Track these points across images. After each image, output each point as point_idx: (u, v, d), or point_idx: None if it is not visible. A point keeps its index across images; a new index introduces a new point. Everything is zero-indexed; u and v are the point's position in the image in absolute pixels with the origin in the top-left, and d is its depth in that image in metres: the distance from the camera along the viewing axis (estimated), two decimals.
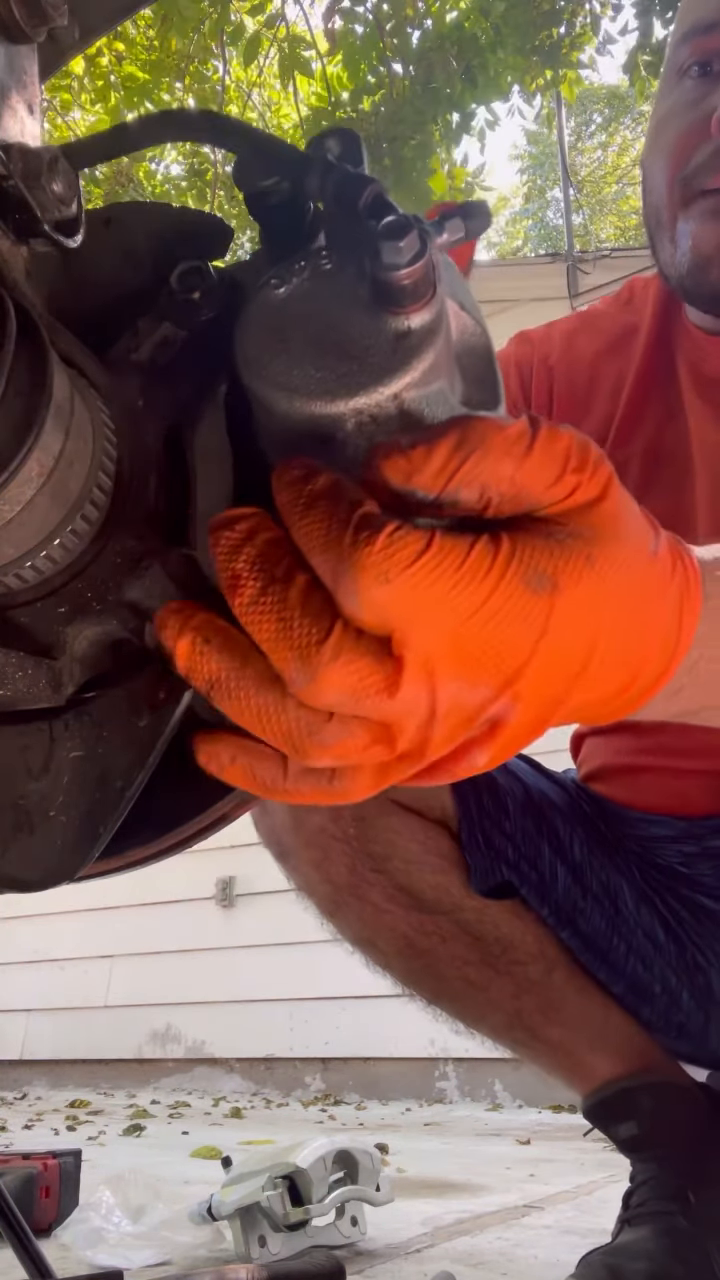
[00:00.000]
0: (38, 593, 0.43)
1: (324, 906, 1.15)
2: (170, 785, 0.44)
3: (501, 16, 5.01)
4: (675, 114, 1.05)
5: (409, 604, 0.34)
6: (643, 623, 0.39)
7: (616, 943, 1.13)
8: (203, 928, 5.04)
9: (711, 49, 1.02)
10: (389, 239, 0.37)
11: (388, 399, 0.38)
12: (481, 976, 1.12)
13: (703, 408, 1.11)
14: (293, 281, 0.41)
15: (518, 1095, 3.96)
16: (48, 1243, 1.41)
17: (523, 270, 6.08)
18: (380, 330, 0.38)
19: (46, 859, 0.43)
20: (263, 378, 0.39)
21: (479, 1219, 1.56)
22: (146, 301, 0.46)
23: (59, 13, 0.46)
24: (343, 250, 0.41)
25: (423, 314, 0.38)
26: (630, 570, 0.38)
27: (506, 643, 0.35)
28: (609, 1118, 1.10)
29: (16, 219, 0.44)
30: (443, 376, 0.40)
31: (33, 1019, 5.51)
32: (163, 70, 5.69)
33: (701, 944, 1.13)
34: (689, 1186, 1.03)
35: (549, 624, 0.36)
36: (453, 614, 0.34)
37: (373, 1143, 1.53)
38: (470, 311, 0.43)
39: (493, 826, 1.14)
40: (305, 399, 0.38)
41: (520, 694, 0.37)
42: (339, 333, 0.39)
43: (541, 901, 1.13)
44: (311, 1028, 4.53)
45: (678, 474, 1.12)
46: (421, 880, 1.11)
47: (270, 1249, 1.26)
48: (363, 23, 5.19)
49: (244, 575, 0.37)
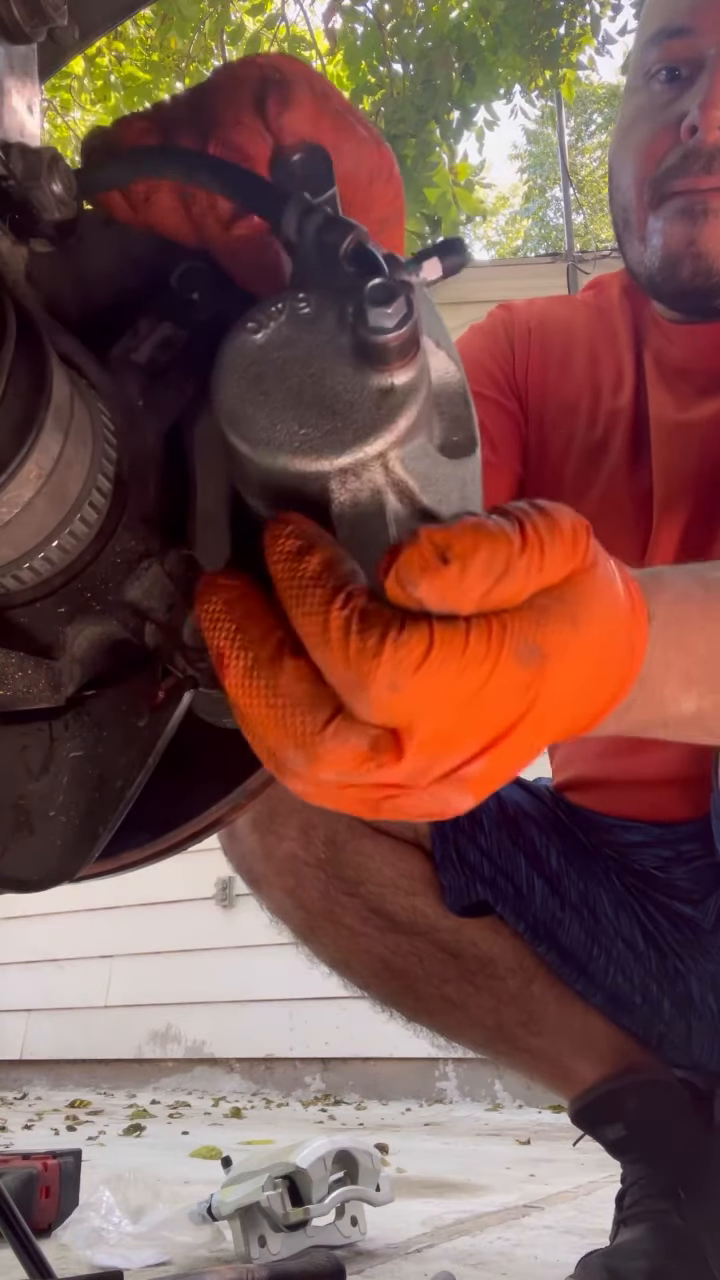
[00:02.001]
0: (37, 593, 0.43)
1: (299, 932, 1.15)
2: (166, 788, 0.44)
3: (501, 16, 5.01)
4: (643, 116, 1.06)
5: (417, 703, 0.35)
6: (608, 657, 0.41)
7: (596, 953, 1.13)
8: (203, 928, 5.04)
9: (679, 55, 1.03)
10: (377, 305, 0.36)
11: (372, 457, 0.38)
12: (460, 994, 1.12)
13: (664, 393, 1.12)
14: (270, 326, 0.40)
15: (518, 1095, 3.96)
16: (48, 1243, 1.41)
17: (523, 270, 6.07)
18: (364, 387, 0.38)
19: (46, 859, 0.43)
20: (244, 433, 0.38)
21: (479, 1219, 1.56)
22: (146, 301, 0.46)
23: (59, 13, 0.46)
24: (321, 294, 0.40)
25: (407, 371, 0.38)
26: (605, 621, 0.40)
27: (498, 712, 0.37)
28: (596, 1121, 1.10)
29: (16, 219, 0.44)
30: (423, 429, 0.40)
31: (33, 1019, 5.51)
32: (163, 70, 5.69)
33: (680, 951, 1.13)
34: (679, 1184, 1.03)
35: (539, 693, 0.37)
36: (454, 700, 0.36)
37: (373, 1143, 1.53)
38: (445, 349, 0.43)
39: (467, 842, 1.14)
40: (289, 456, 0.38)
41: (506, 749, 0.38)
42: (322, 387, 0.38)
43: (518, 917, 1.13)
44: (311, 1028, 4.53)
45: (639, 451, 1.13)
46: (395, 902, 1.11)
47: (270, 1249, 1.26)
48: (363, 22, 5.19)
49: (227, 652, 0.37)
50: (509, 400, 1.18)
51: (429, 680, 0.35)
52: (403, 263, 0.39)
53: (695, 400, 1.10)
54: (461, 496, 0.41)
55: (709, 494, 1.06)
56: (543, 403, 1.18)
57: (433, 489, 0.40)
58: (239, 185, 0.42)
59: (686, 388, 1.11)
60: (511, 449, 1.17)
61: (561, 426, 1.16)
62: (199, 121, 0.44)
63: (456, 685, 0.35)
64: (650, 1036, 1.14)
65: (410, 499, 0.39)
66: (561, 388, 1.18)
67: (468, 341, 1.24)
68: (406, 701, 0.35)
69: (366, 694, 0.35)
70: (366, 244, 0.39)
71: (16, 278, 0.44)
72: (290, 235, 0.41)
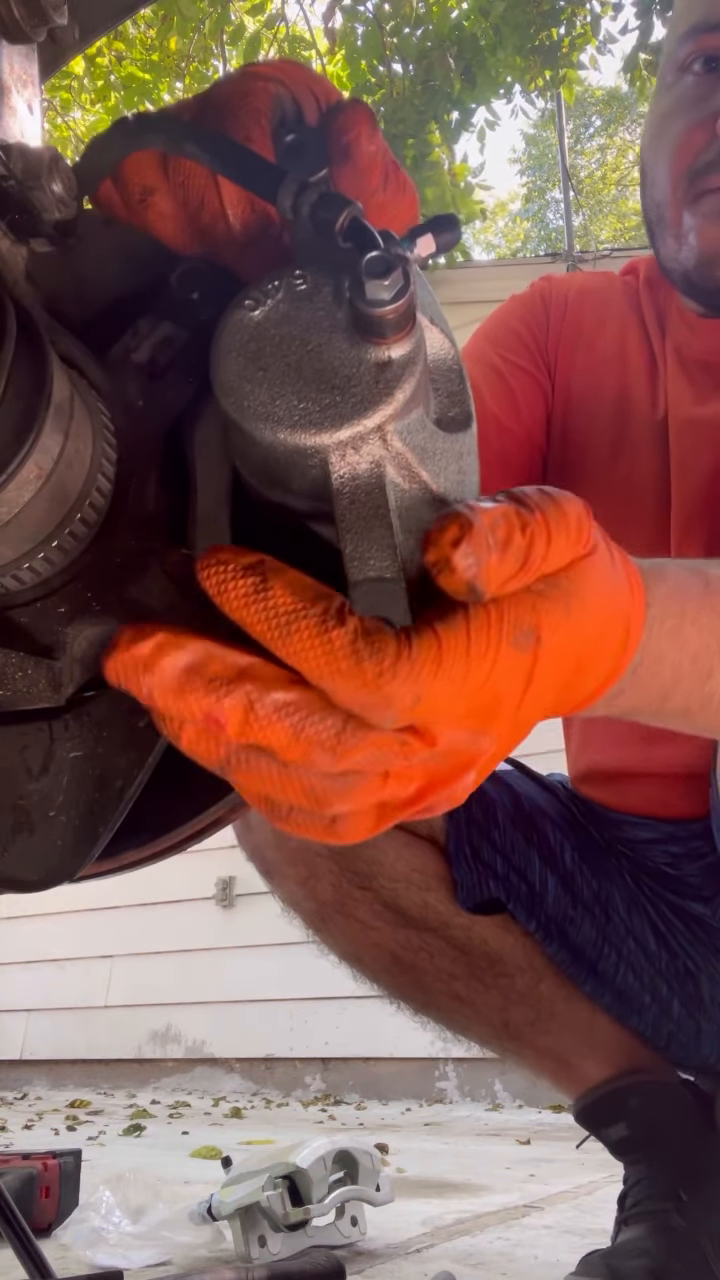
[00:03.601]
0: (37, 593, 0.43)
1: (310, 922, 1.15)
2: (166, 788, 0.44)
3: (501, 16, 5.01)
4: (680, 109, 1.05)
5: (435, 704, 0.36)
6: (603, 641, 0.42)
7: (607, 951, 1.13)
8: (203, 928, 5.04)
9: (717, 47, 1.02)
10: (374, 277, 0.37)
11: (371, 430, 0.38)
12: (469, 991, 1.12)
13: (683, 385, 1.11)
14: (267, 303, 0.40)
15: (518, 1095, 3.96)
16: (48, 1243, 1.41)
17: (523, 270, 6.07)
18: (362, 360, 0.38)
19: (46, 859, 0.43)
20: (244, 408, 0.39)
21: (479, 1219, 1.56)
22: (146, 301, 0.46)
23: (59, 13, 0.46)
24: (317, 270, 0.40)
25: (404, 344, 0.38)
26: (599, 607, 0.41)
27: (499, 696, 0.38)
28: (599, 1120, 1.10)
29: (16, 219, 0.44)
30: (420, 403, 0.40)
31: (33, 1019, 5.50)
32: (163, 70, 5.70)
33: (692, 950, 1.13)
34: (681, 1184, 1.03)
35: (534, 673, 0.38)
36: (466, 693, 0.37)
37: (373, 1143, 1.53)
38: (440, 325, 0.43)
39: (481, 838, 1.14)
40: (289, 430, 0.38)
41: (503, 730, 0.39)
42: (320, 361, 0.39)
43: (529, 916, 1.13)
44: (311, 1028, 4.53)
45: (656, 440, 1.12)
46: (408, 897, 1.11)
47: (270, 1249, 1.26)
48: (363, 22, 5.19)
49: (185, 736, 0.37)
50: (540, 372, 1.18)
51: (444, 683, 0.36)
52: (398, 239, 0.39)
53: (714, 393, 1.09)
54: (459, 470, 0.41)
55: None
56: (569, 378, 1.18)
57: (431, 462, 0.40)
58: (230, 160, 0.42)
59: (706, 379, 1.10)
60: (537, 421, 1.16)
61: (586, 405, 1.16)
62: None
63: (465, 682, 0.36)
64: (659, 1037, 1.14)
65: (409, 472, 0.39)
66: (590, 366, 1.17)
67: (507, 310, 1.24)
68: (424, 705, 0.36)
69: (391, 710, 0.35)
70: (362, 219, 0.39)
71: (16, 278, 0.44)
72: (285, 210, 0.41)
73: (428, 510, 0.39)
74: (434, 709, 0.36)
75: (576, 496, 0.40)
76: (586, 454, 1.14)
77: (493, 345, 1.19)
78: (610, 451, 1.13)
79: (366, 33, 5.14)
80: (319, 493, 0.39)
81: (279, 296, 0.40)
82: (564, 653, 0.39)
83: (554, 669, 0.39)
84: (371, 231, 0.39)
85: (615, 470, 1.12)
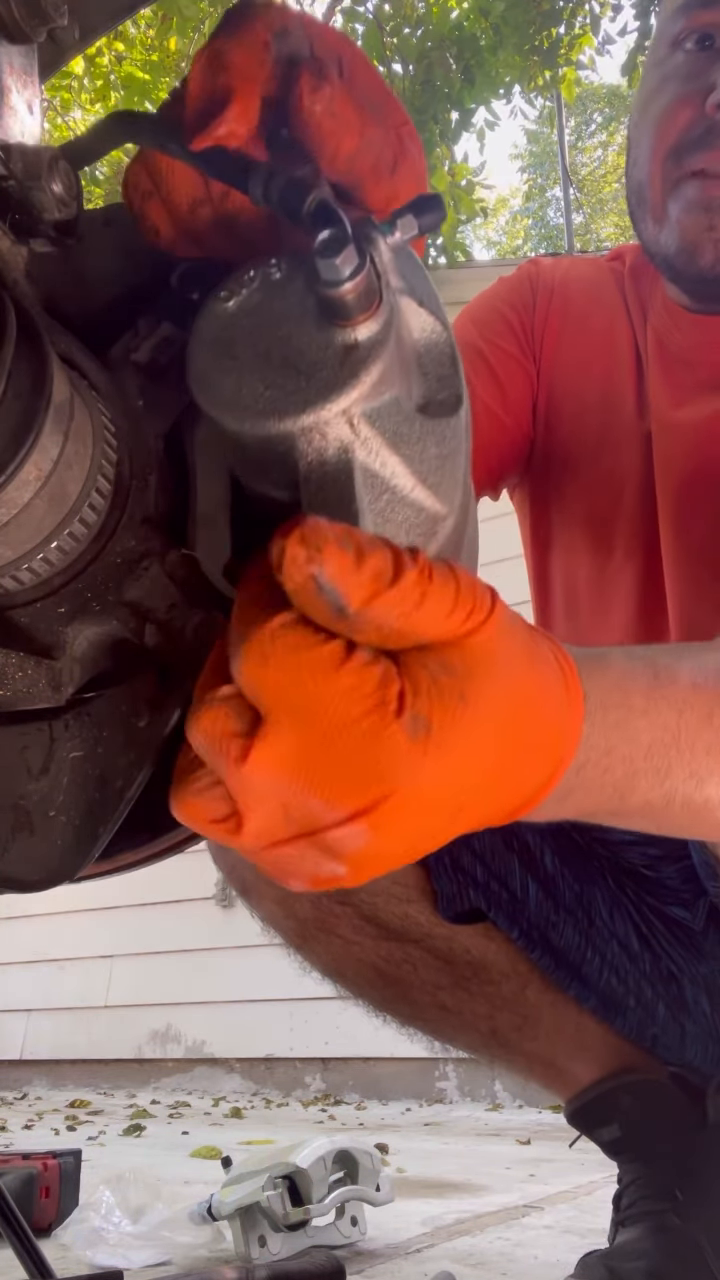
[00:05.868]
0: (37, 593, 0.43)
1: (290, 940, 1.14)
2: (166, 788, 0.44)
3: (501, 16, 5.01)
4: (668, 85, 1.01)
5: (279, 681, 0.34)
6: (524, 741, 0.38)
7: (590, 955, 1.12)
8: (203, 928, 5.04)
9: (713, 22, 0.99)
10: (325, 255, 0.36)
11: (336, 414, 0.37)
12: (454, 1000, 1.11)
13: (661, 379, 1.09)
14: (242, 293, 0.40)
15: (517, 1095, 3.96)
16: (48, 1243, 1.41)
17: None
18: (328, 344, 0.38)
19: (46, 859, 0.43)
20: (213, 398, 0.38)
21: (479, 1219, 1.56)
22: (146, 301, 0.46)
23: (59, 13, 0.46)
24: (293, 259, 0.40)
25: (369, 325, 0.38)
26: (510, 694, 0.37)
27: (370, 772, 0.35)
28: (591, 1122, 1.10)
29: (16, 219, 0.44)
30: (395, 386, 0.39)
31: (33, 1019, 5.50)
32: (163, 70, 5.69)
33: (674, 953, 1.13)
34: (675, 1183, 1.03)
35: (420, 768, 0.35)
36: (324, 717, 0.34)
37: (373, 1143, 1.53)
38: (430, 307, 0.43)
39: (461, 845, 1.12)
40: (255, 418, 0.37)
41: (378, 825, 0.36)
42: (287, 347, 0.38)
43: (511, 923, 1.12)
44: (311, 1028, 4.53)
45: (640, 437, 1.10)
46: (388, 910, 1.10)
47: (270, 1249, 1.25)
48: (363, 22, 5.19)
49: None
50: (526, 357, 1.16)
51: (300, 671, 0.34)
52: (375, 223, 0.39)
53: (694, 394, 1.07)
54: (439, 455, 0.41)
55: (706, 493, 1.05)
56: (555, 364, 1.15)
57: (405, 446, 0.39)
58: (203, 156, 0.41)
59: (686, 377, 1.08)
60: (524, 408, 1.14)
61: (573, 394, 1.14)
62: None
63: (327, 700, 0.34)
64: (644, 1039, 1.13)
65: (381, 457, 0.39)
66: (577, 354, 1.15)
67: (493, 292, 1.21)
68: (273, 675, 0.34)
69: (238, 650, 0.35)
70: (329, 202, 0.39)
71: (16, 278, 0.44)
72: (258, 201, 0.40)
73: (401, 498, 0.39)
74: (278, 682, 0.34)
75: (482, 580, 0.37)
76: (573, 445, 1.12)
77: (479, 329, 1.16)
78: (596, 443, 1.11)
79: (366, 33, 5.14)
80: (290, 479, 0.38)
81: (254, 286, 0.40)
82: (462, 748, 0.35)
83: (445, 768, 0.35)
84: (337, 213, 0.38)
85: (600, 462, 1.10)
